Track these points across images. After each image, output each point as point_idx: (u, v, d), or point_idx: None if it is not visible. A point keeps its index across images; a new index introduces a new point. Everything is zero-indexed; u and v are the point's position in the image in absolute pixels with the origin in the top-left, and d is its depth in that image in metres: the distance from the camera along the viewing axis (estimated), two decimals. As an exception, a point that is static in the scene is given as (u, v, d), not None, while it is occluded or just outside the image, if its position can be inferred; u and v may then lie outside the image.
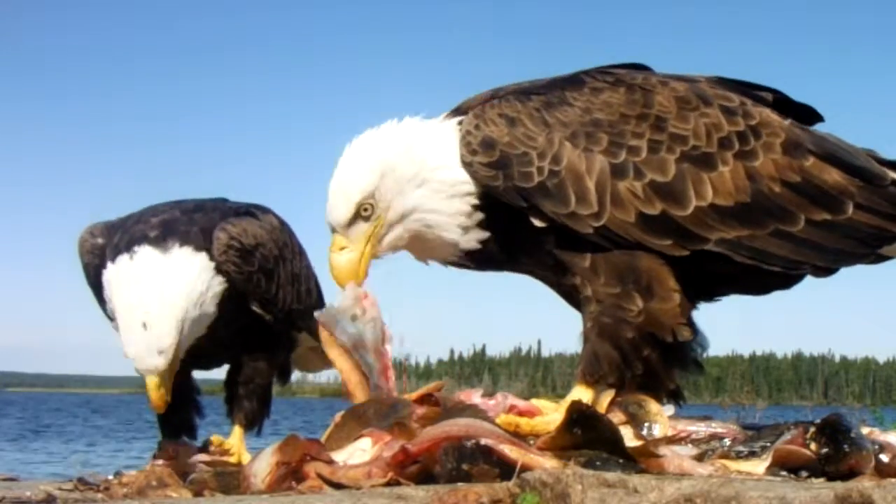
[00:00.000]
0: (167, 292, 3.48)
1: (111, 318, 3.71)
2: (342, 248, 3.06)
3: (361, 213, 3.04)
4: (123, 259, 3.57)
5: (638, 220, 2.96)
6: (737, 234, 2.99)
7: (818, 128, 3.31)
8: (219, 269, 3.64)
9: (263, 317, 3.82)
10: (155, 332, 3.44)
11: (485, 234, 3.09)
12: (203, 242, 3.64)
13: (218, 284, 3.65)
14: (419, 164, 3.05)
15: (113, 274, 3.58)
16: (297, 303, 3.98)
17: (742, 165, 3.02)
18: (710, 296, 3.25)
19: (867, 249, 3.09)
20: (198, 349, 3.66)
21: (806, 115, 3.31)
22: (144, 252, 3.55)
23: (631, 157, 2.98)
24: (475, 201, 3.06)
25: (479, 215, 3.07)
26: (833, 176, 3.07)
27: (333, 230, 3.08)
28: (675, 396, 3.14)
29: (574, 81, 3.14)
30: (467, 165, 3.02)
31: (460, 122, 3.11)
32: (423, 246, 3.16)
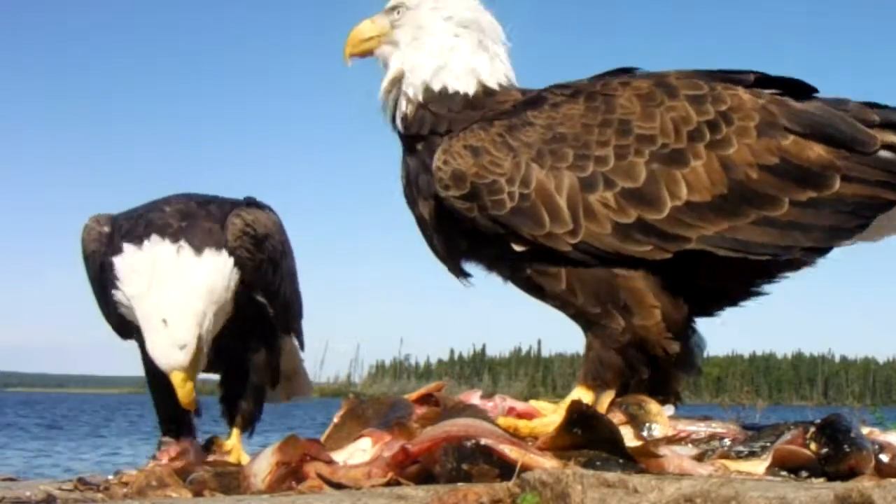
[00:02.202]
0: (187, 290, 3.47)
1: (107, 311, 3.73)
2: (373, 22, 3.32)
3: (395, 10, 3.28)
4: (142, 248, 3.53)
5: (614, 230, 2.92)
6: (717, 229, 2.92)
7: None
8: (233, 258, 3.62)
9: (266, 308, 3.81)
10: (175, 329, 3.43)
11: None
12: (222, 238, 3.62)
13: (235, 278, 3.64)
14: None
15: (130, 264, 3.53)
16: (293, 297, 4.00)
17: (716, 156, 2.94)
18: (711, 300, 3.18)
19: (860, 221, 2.98)
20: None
21: (794, 90, 3.16)
22: (164, 246, 3.52)
23: (599, 168, 2.94)
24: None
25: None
26: (816, 151, 2.97)
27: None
28: (676, 397, 3.14)
29: (535, 101, 3.12)
30: (444, 200, 3.03)
31: None
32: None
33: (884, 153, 3.00)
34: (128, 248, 3.56)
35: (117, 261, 3.55)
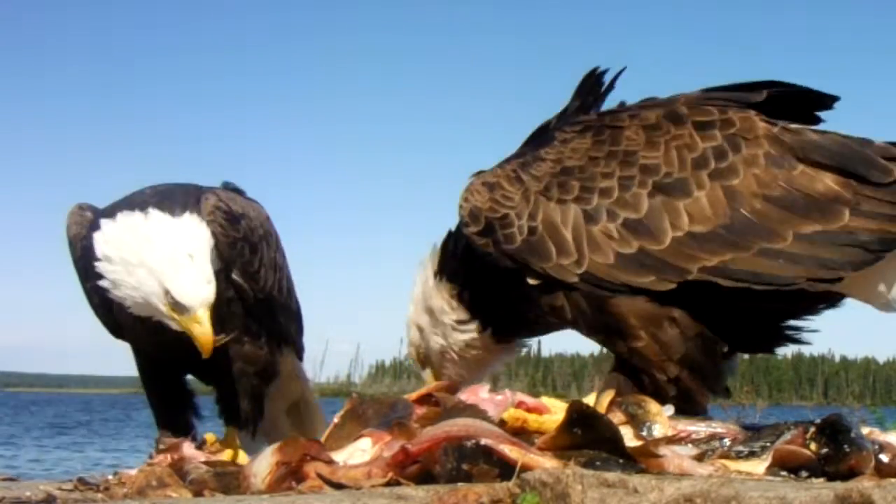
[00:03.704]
0: (186, 237, 3.51)
1: (91, 299, 3.76)
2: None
3: (421, 358, 3.67)
4: (135, 216, 3.55)
5: (616, 260, 2.95)
6: (720, 260, 2.89)
7: (831, 114, 3.17)
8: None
9: (245, 290, 3.77)
10: (201, 263, 3.45)
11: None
12: (196, 209, 3.66)
13: (213, 248, 3.64)
14: (429, 316, 3.58)
15: (127, 229, 3.54)
16: (277, 292, 3.95)
17: (720, 186, 2.93)
18: (743, 332, 3.14)
19: (870, 256, 2.87)
20: (189, 343, 3.58)
21: (814, 100, 3.13)
22: (156, 213, 3.55)
23: (603, 200, 2.98)
24: (464, 318, 3.49)
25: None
26: (825, 182, 2.90)
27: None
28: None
29: (546, 138, 3.19)
30: (466, 238, 3.18)
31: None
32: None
33: None
34: (117, 218, 3.59)
35: (97, 235, 3.57)
